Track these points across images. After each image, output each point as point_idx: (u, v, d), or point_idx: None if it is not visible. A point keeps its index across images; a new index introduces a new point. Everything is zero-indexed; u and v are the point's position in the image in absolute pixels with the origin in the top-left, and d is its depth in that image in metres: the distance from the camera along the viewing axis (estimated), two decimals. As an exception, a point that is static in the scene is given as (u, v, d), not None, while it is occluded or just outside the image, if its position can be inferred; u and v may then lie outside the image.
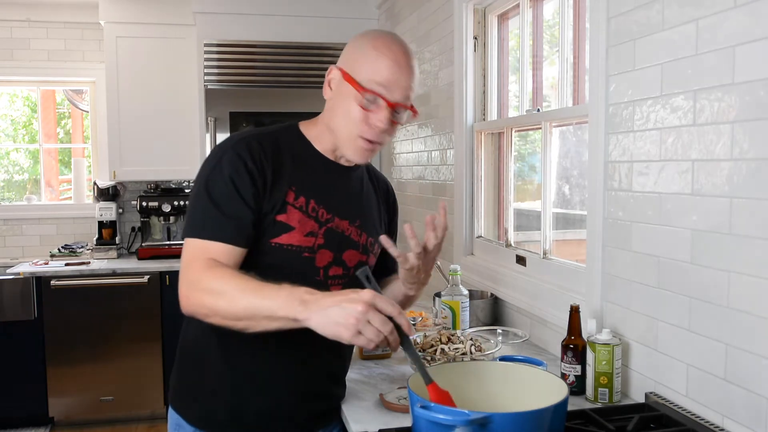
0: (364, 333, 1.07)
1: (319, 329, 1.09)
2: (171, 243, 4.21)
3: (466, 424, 0.98)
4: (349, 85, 1.28)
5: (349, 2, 3.84)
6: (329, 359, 1.46)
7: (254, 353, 1.35)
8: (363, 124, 1.29)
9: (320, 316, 1.08)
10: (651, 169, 1.46)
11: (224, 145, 1.33)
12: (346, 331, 1.06)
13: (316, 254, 1.35)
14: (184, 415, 1.41)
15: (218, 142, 1.39)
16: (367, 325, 1.07)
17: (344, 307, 1.07)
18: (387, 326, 1.08)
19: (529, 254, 2.20)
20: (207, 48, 3.66)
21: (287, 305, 1.11)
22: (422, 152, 3.18)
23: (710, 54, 1.27)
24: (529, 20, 2.31)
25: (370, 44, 1.30)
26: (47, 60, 4.41)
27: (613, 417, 1.30)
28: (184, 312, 1.26)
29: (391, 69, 1.27)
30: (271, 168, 1.31)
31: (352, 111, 1.29)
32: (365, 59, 1.29)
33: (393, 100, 1.28)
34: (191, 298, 1.23)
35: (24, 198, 4.58)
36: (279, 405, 1.39)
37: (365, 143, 1.32)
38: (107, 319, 3.81)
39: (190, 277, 1.23)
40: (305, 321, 1.10)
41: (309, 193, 1.35)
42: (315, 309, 1.09)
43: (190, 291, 1.23)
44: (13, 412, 3.76)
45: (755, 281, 1.18)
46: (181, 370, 1.45)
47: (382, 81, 1.27)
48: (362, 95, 1.27)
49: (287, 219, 1.32)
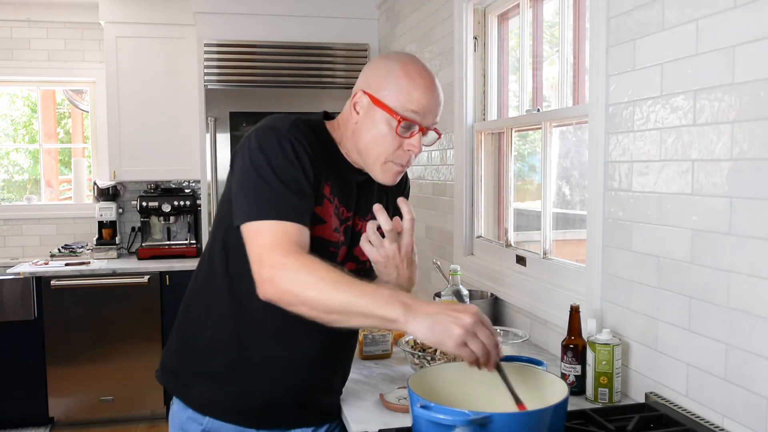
0: (469, 345, 1.07)
1: (420, 334, 1.08)
2: (171, 243, 4.21)
3: (466, 424, 0.98)
4: (382, 110, 1.29)
5: (349, 2, 3.84)
6: (340, 355, 1.48)
7: (267, 344, 1.36)
8: (396, 150, 1.31)
9: (423, 322, 1.08)
10: (651, 169, 1.46)
11: (277, 127, 1.28)
12: (450, 340, 1.06)
13: (339, 250, 1.37)
14: (184, 397, 1.41)
15: (258, 128, 1.29)
16: (474, 338, 1.07)
17: (453, 316, 1.06)
18: (491, 340, 1.08)
19: (529, 254, 2.20)
20: (207, 48, 3.66)
21: (388, 305, 1.10)
22: (422, 152, 3.18)
23: (710, 54, 1.27)
24: (529, 20, 2.31)
25: (400, 70, 1.29)
26: (47, 60, 4.41)
27: (613, 417, 1.30)
28: (263, 296, 1.19)
29: (426, 96, 1.28)
30: (317, 157, 1.30)
31: (387, 138, 1.30)
32: (396, 85, 1.28)
33: (426, 125, 1.30)
34: (277, 283, 1.17)
35: (24, 198, 4.58)
36: (285, 397, 1.40)
37: (397, 167, 1.34)
38: (107, 319, 3.81)
39: (273, 262, 1.18)
40: (405, 324, 1.09)
41: (336, 190, 1.36)
42: (418, 314, 1.08)
43: (277, 276, 1.17)
44: (13, 412, 3.76)
45: (755, 281, 1.18)
46: (184, 355, 1.44)
47: (417, 109, 1.28)
48: (399, 123, 1.28)
49: (322, 212, 1.32)
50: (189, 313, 1.45)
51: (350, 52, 3.82)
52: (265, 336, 1.35)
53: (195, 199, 4.21)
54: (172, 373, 1.46)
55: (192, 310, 1.44)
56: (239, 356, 1.37)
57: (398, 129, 1.28)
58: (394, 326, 1.10)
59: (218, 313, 1.37)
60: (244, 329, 1.36)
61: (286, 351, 1.37)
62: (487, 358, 1.09)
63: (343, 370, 1.53)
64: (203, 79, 3.68)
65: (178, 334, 1.47)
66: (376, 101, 1.30)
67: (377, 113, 1.30)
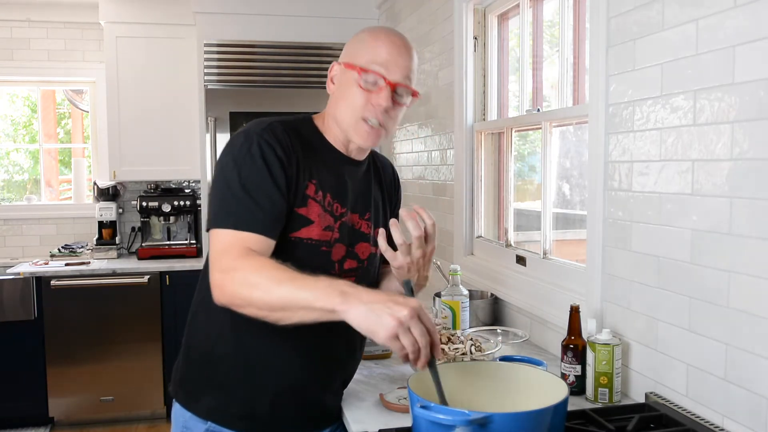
0: (400, 338, 1.04)
1: (355, 323, 1.06)
2: (171, 243, 4.21)
3: (466, 424, 0.98)
4: (350, 71, 1.32)
5: (349, 2, 3.84)
6: (345, 359, 1.48)
7: (271, 350, 1.35)
8: (365, 106, 1.31)
9: (360, 311, 1.06)
10: (651, 169, 1.46)
11: (250, 132, 1.30)
12: (383, 330, 1.04)
13: (333, 248, 1.36)
14: (193, 409, 1.40)
15: (235, 134, 1.32)
16: (407, 332, 1.04)
17: (390, 307, 1.04)
18: (425, 338, 1.06)
19: (529, 254, 2.20)
20: (207, 48, 3.66)
21: (326, 296, 1.08)
22: (422, 152, 3.18)
23: (710, 54, 1.27)
24: (529, 20, 2.31)
25: (368, 34, 1.36)
26: (47, 60, 4.41)
27: (613, 417, 1.30)
28: (217, 302, 1.21)
29: (389, 49, 1.31)
30: (296, 158, 1.30)
31: (354, 94, 1.31)
32: (363, 45, 1.34)
33: (392, 79, 1.31)
34: (226, 288, 1.18)
35: (24, 198, 4.58)
36: (290, 400, 1.39)
37: (368, 126, 1.33)
38: (107, 319, 3.81)
39: (223, 267, 1.19)
40: (343, 313, 1.07)
41: (326, 186, 1.35)
42: (355, 302, 1.06)
43: (225, 281, 1.18)
44: (13, 412, 3.76)
45: (755, 281, 1.18)
46: (190, 365, 1.44)
47: (380, 61, 1.30)
48: (361, 76, 1.30)
49: (307, 212, 1.32)
50: (192, 324, 1.45)
51: (350, 52, 3.81)
52: (266, 340, 1.34)
53: (195, 199, 4.21)
54: (180, 385, 1.45)
55: (195, 321, 1.44)
56: (242, 363, 1.36)
57: (361, 82, 1.30)
58: (336, 316, 1.08)
59: (218, 321, 1.36)
60: (245, 335, 1.35)
61: (288, 354, 1.36)
62: (417, 355, 1.07)
63: (346, 371, 1.52)
64: (203, 79, 3.68)
65: (184, 346, 1.47)
66: (346, 65, 1.34)
67: (346, 75, 1.33)
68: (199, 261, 3.98)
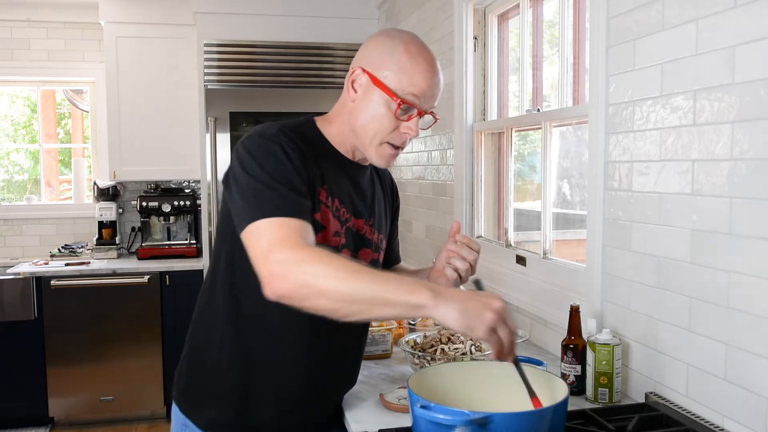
0: (498, 331, 1.04)
1: (449, 320, 1.04)
2: (171, 243, 4.21)
3: (466, 424, 0.98)
4: (381, 91, 1.26)
5: (349, 2, 3.84)
6: (350, 371, 1.48)
7: (272, 358, 1.34)
8: (394, 132, 1.29)
9: (452, 308, 1.03)
10: (651, 169, 1.46)
11: (265, 134, 1.25)
12: (482, 324, 1.03)
13: (340, 253, 1.34)
14: (193, 418, 1.39)
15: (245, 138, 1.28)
16: (503, 325, 1.04)
17: (485, 302, 1.04)
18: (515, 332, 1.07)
19: (529, 254, 2.20)
20: (207, 48, 3.66)
21: (414, 291, 1.05)
22: (422, 152, 3.18)
23: (710, 54, 1.27)
24: (529, 20, 2.31)
25: (403, 50, 1.26)
26: (47, 60, 4.41)
27: (613, 417, 1.30)
28: (273, 295, 1.11)
29: (428, 81, 1.26)
30: (309, 163, 1.28)
31: (384, 119, 1.27)
32: (399, 68, 1.26)
33: (425, 109, 1.29)
34: (290, 278, 1.09)
35: (24, 198, 4.57)
36: (294, 410, 1.38)
37: (392, 149, 1.32)
38: (107, 319, 3.81)
39: (281, 257, 1.10)
40: (432, 308, 1.04)
41: (335, 192, 1.34)
42: (446, 300, 1.04)
43: (288, 271, 1.09)
44: (13, 412, 3.76)
45: (755, 281, 1.18)
46: (193, 373, 1.41)
47: (418, 92, 1.26)
48: (398, 105, 1.26)
49: (321, 218, 1.30)
50: (195, 334, 1.43)
51: (350, 52, 3.81)
52: (270, 351, 1.33)
53: (195, 199, 4.21)
54: (183, 393, 1.43)
55: (197, 331, 1.42)
56: (245, 373, 1.34)
57: (397, 112, 1.26)
58: (421, 312, 1.05)
59: (222, 331, 1.34)
60: (248, 346, 1.33)
61: (292, 363, 1.35)
62: (511, 347, 1.07)
63: (350, 382, 1.52)
64: (203, 79, 3.68)
65: (187, 354, 1.45)
66: (375, 81, 1.27)
67: (376, 93, 1.27)
68: (199, 261, 3.98)
